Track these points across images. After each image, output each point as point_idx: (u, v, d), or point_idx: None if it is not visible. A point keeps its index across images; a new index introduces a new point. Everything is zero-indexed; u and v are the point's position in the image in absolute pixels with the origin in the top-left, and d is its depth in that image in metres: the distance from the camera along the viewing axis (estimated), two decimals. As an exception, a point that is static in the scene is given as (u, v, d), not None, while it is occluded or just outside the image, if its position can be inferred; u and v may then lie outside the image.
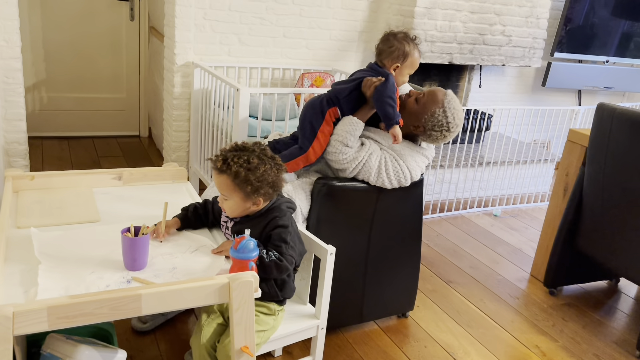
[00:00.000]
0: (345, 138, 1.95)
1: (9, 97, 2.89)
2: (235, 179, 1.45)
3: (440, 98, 2.00)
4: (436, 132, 2.02)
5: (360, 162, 1.96)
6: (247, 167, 1.44)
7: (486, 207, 3.75)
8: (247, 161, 1.45)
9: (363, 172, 1.98)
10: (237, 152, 1.48)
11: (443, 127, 2.00)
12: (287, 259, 1.47)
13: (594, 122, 2.40)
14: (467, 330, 2.32)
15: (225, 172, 1.45)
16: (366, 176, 1.98)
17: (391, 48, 2.02)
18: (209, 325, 1.54)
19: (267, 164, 1.48)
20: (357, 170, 1.98)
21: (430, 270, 2.81)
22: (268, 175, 1.47)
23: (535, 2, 3.86)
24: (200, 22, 3.27)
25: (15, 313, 1.06)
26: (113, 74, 4.28)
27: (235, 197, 1.48)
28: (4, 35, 2.79)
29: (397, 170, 2.00)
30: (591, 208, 2.46)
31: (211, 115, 3.12)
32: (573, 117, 3.90)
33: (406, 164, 2.02)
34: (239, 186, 1.46)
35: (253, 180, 1.45)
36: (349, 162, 1.97)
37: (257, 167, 1.45)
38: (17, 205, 1.62)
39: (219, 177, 1.47)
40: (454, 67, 4.19)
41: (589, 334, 2.40)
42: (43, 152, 3.88)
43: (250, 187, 1.45)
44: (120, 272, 1.32)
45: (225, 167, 1.45)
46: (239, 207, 1.51)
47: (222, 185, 1.47)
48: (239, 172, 1.44)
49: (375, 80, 1.96)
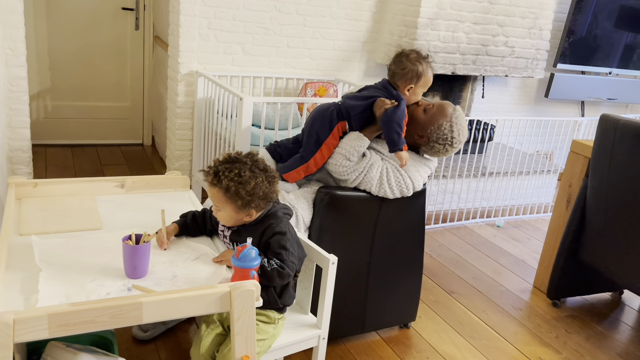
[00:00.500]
0: (350, 153, 1.96)
1: (13, 104, 2.90)
2: (227, 192, 1.45)
3: (449, 112, 2.01)
4: (439, 145, 2.03)
5: (362, 173, 1.96)
6: (237, 181, 1.43)
7: (489, 218, 3.74)
8: (238, 174, 1.44)
9: (364, 182, 1.98)
10: (228, 165, 1.47)
11: (447, 141, 2.01)
12: (289, 266, 1.47)
13: (597, 134, 2.40)
14: (470, 342, 2.31)
15: (216, 185, 1.46)
16: (368, 186, 1.98)
17: (404, 70, 2.02)
18: (208, 335, 1.54)
19: (259, 177, 1.47)
20: (359, 180, 1.98)
21: (432, 280, 2.80)
22: (259, 189, 1.46)
23: (538, 13, 3.88)
24: (204, 32, 3.29)
25: (16, 320, 1.05)
26: (117, 83, 4.30)
27: (227, 209, 1.49)
28: (10, 44, 2.81)
29: (399, 181, 2.00)
30: (594, 219, 2.45)
31: (214, 124, 3.13)
32: (576, 128, 3.90)
33: (408, 174, 2.02)
34: (230, 199, 1.46)
35: (244, 195, 1.44)
36: (350, 174, 1.97)
37: (248, 181, 1.44)
38: (20, 213, 1.62)
39: (211, 189, 1.48)
40: (457, 78, 4.20)
41: (593, 346, 2.38)
42: (47, 160, 3.90)
43: (241, 200, 1.45)
44: (121, 280, 1.32)
45: (217, 180, 1.45)
46: (232, 218, 1.51)
47: (215, 197, 1.48)
48: (229, 186, 1.44)
49: (388, 104, 1.97)
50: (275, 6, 3.42)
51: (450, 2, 3.55)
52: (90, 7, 4.04)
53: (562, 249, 2.62)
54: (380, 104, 1.98)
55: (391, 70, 2.07)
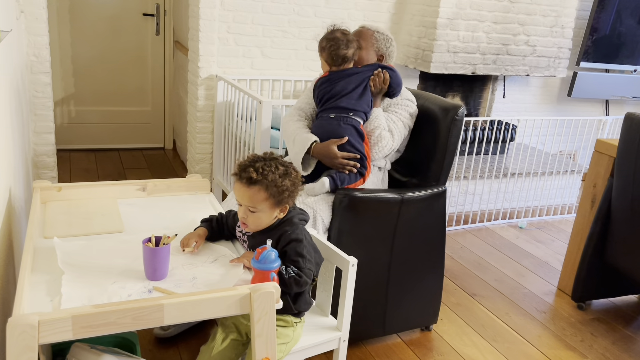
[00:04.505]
0: (385, 124, 2.12)
1: (38, 110, 2.96)
2: (271, 187, 1.42)
3: (361, 29, 2.19)
4: (392, 46, 2.22)
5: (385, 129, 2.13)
6: (283, 175, 1.44)
7: (511, 219, 3.69)
8: (277, 167, 1.45)
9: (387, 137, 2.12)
10: (263, 162, 1.45)
11: (389, 38, 2.21)
12: (306, 273, 1.45)
13: (622, 132, 2.35)
14: (493, 345, 2.28)
15: (258, 183, 1.42)
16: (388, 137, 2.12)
17: (323, 52, 2.16)
18: (223, 340, 1.54)
19: (290, 168, 1.49)
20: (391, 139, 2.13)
21: (454, 283, 2.77)
22: (294, 181, 1.47)
23: (560, 11, 3.82)
24: (223, 36, 3.31)
25: (41, 322, 1.07)
26: (139, 88, 4.36)
27: (265, 207, 1.45)
28: (34, 51, 2.87)
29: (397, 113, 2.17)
30: (620, 220, 2.40)
31: (234, 127, 3.15)
32: (600, 128, 3.83)
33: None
34: (272, 195, 1.43)
35: (289, 185, 1.45)
36: (396, 140, 2.14)
37: (287, 172, 1.46)
38: (45, 216, 1.65)
39: (248, 189, 1.43)
40: (477, 78, 4.16)
41: (620, 350, 2.32)
42: (71, 164, 3.97)
43: (287, 192, 1.45)
44: (142, 282, 1.33)
45: (261, 177, 1.42)
46: (266, 218, 1.48)
47: (253, 196, 1.43)
48: (275, 179, 1.42)
49: (380, 75, 2.11)
50: (294, 9, 3.43)
51: (469, 2, 3.52)
52: (111, 14, 4.11)
53: (587, 251, 2.57)
54: (378, 81, 2.11)
55: (346, 57, 2.14)
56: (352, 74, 2.12)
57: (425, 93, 2.30)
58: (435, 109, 2.17)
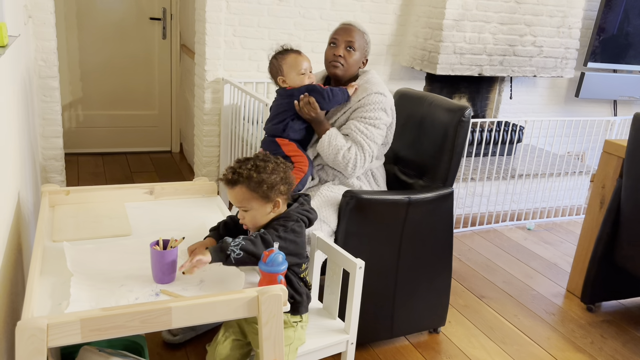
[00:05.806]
0: (355, 138, 2.05)
1: (46, 115, 2.98)
2: (250, 183, 1.45)
3: (355, 28, 2.15)
4: (368, 43, 2.18)
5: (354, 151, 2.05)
6: (256, 170, 1.47)
7: (519, 221, 3.67)
8: (254, 165, 1.48)
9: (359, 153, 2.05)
10: (242, 162, 1.51)
11: (366, 36, 2.17)
12: (272, 237, 1.44)
13: (631, 133, 2.33)
14: (501, 347, 2.26)
15: (238, 182, 1.46)
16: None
17: (271, 72, 2.15)
18: (226, 340, 1.56)
19: (272, 162, 1.50)
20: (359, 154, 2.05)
21: (462, 285, 2.76)
22: (278, 170, 1.49)
23: (567, 12, 3.80)
24: (229, 39, 3.32)
25: (50, 325, 1.08)
26: (146, 92, 4.38)
27: (254, 205, 1.48)
28: (42, 55, 2.89)
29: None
30: (629, 221, 2.38)
31: (241, 130, 3.15)
32: (609, 128, 3.81)
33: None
34: (254, 190, 1.46)
35: (265, 178, 1.46)
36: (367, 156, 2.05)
37: (265, 166, 1.48)
38: (53, 220, 1.66)
39: (233, 190, 1.48)
40: (484, 79, 4.15)
41: (630, 352, 2.30)
42: (79, 168, 3.99)
43: (266, 185, 1.46)
44: (149, 285, 1.34)
45: (237, 176, 1.47)
46: (260, 215, 1.49)
47: (239, 196, 1.48)
48: (250, 175, 1.45)
49: (307, 102, 2.02)
50: (299, 12, 3.43)
51: (475, 3, 3.51)
52: (119, 18, 4.13)
53: (596, 252, 2.55)
54: (306, 111, 2.03)
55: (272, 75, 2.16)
56: (289, 95, 2.09)
57: (431, 95, 2.30)
58: (442, 110, 2.17)
